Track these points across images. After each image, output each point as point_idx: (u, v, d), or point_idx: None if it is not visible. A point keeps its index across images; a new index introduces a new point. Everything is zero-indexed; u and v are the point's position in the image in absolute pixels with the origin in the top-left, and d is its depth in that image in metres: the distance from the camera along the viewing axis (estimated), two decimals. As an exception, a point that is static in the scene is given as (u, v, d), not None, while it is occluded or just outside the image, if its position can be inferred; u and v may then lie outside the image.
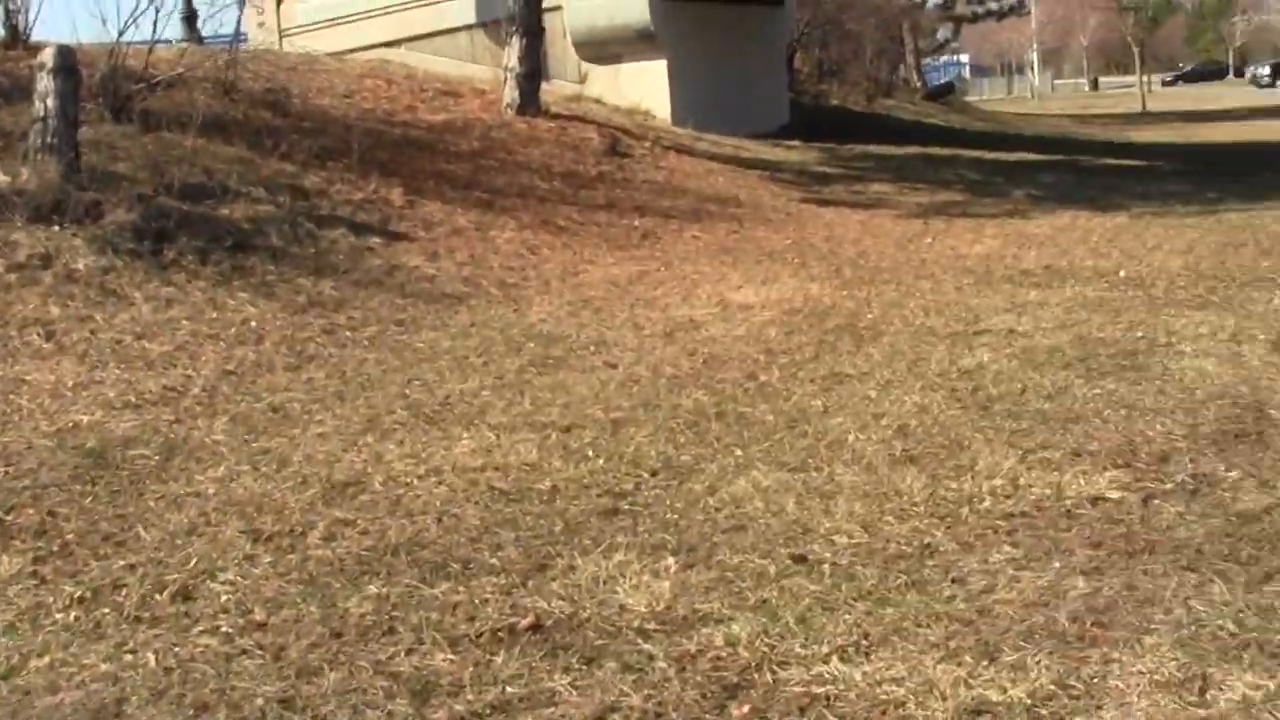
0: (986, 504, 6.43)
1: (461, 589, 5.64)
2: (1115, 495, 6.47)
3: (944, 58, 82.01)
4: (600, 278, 13.03)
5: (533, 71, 20.32)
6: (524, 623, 5.32)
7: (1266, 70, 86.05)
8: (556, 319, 11.35)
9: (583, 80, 24.46)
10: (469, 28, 24.63)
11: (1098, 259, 13.55)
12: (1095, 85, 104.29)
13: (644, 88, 23.66)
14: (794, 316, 11.24)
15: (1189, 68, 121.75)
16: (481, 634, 5.22)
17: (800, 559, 5.86)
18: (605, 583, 5.65)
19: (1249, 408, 7.86)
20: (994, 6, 60.66)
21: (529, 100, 20.06)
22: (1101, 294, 11.67)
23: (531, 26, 20.27)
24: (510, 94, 19.99)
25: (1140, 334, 9.96)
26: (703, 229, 15.48)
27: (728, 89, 25.45)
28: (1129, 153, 30.94)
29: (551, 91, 22.49)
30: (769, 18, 28.72)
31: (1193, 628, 4.98)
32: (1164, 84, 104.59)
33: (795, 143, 24.56)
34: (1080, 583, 5.44)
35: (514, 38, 20.06)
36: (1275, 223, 15.56)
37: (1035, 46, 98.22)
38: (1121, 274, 12.56)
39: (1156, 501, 6.37)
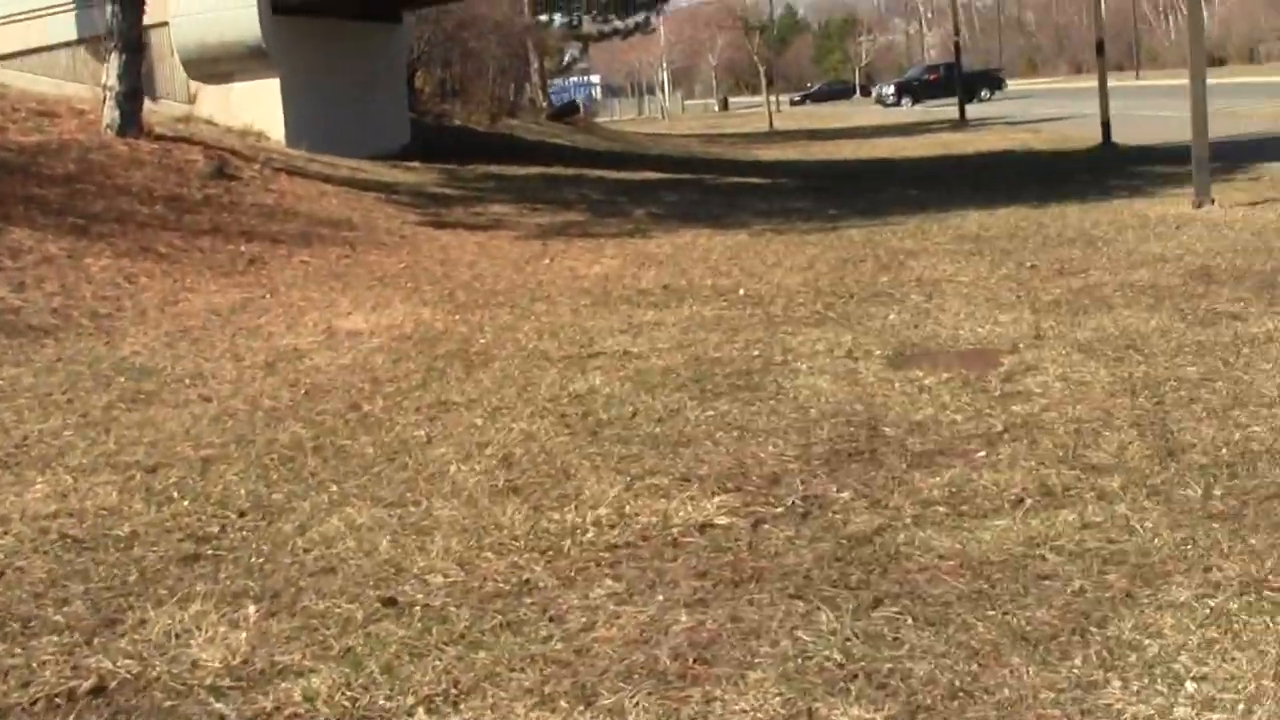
0: (590, 535, 6.12)
1: (19, 651, 5.10)
2: (724, 521, 6.23)
3: (575, 78, 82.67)
4: (201, 306, 12.39)
5: (134, 90, 19.32)
6: (85, 686, 4.83)
7: (891, 89, 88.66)
8: (151, 351, 10.72)
9: (193, 100, 23.57)
10: (69, 45, 23.49)
11: (717, 277, 13.45)
12: (725, 105, 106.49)
13: (257, 107, 22.89)
14: (403, 343, 10.83)
15: (817, 86, 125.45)
16: (36, 701, 4.72)
17: (390, 602, 5.47)
18: (179, 636, 5.19)
19: (862, 425, 7.74)
20: (619, 26, 61.19)
21: (130, 121, 19.09)
22: (719, 313, 11.54)
23: (131, 43, 19.27)
24: (110, 114, 19.00)
25: (756, 353, 9.83)
26: (313, 254, 14.91)
27: (346, 109, 24.86)
28: (753, 171, 31.31)
29: (159, 112, 21.61)
30: (388, 36, 28.26)
31: (799, 660, 4.74)
32: (793, 103, 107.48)
33: (415, 164, 24.09)
34: (684, 616, 5.16)
35: (113, 55, 19.05)
36: (895, 238, 15.72)
37: (665, 66, 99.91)
38: (741, 292, 12.47)
39: (766, 526, 6.15)
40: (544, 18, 56.55)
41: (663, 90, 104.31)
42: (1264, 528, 5.69)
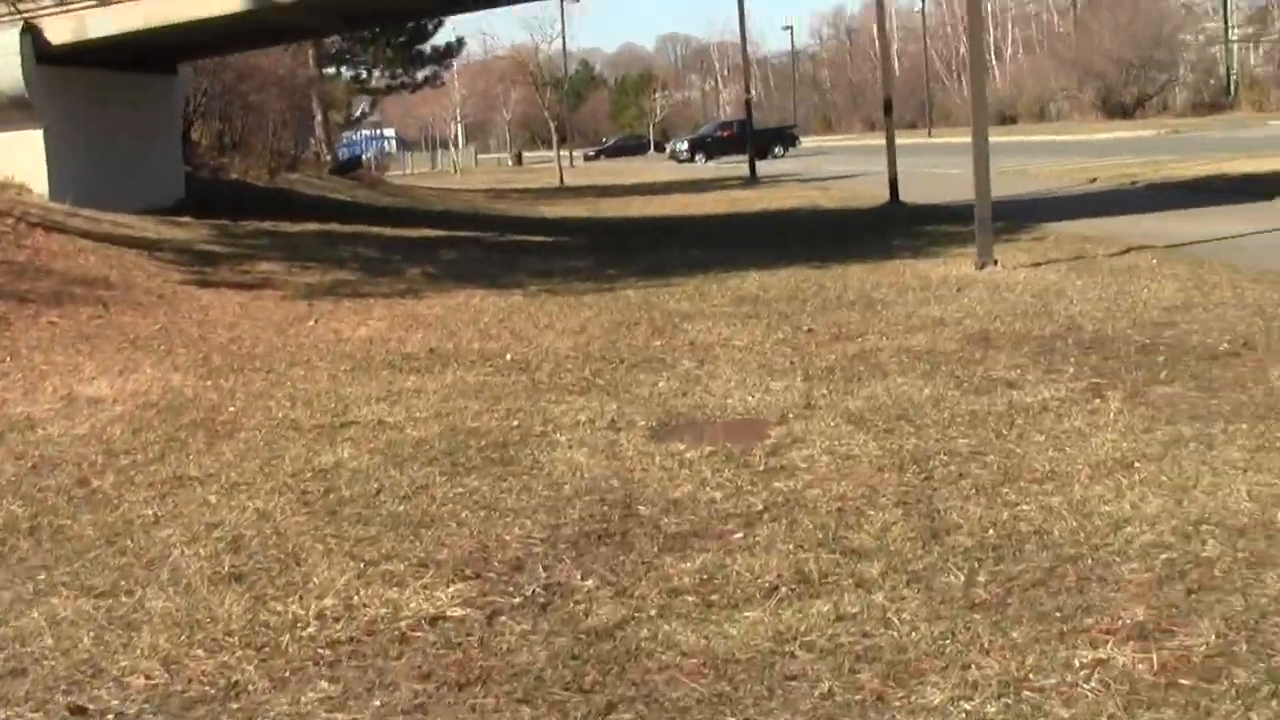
0: (311, 630, 5.65)
1: None
2: (458, 613, 5.81)
3: (366, 131, 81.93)
4: (-68, 374, 11.64)
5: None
6: None
7: (685, 145, 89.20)
8: None
9: (-47, 154, 22.63)
10: None
11: (486, 341, 13.00)
12: (519, 159, 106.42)
13: (18, 160, 21.85)
14: (147, 411, 10.21)
15: (612, 141, 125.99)
16: None
17: (79, 711, 4.98)
18: None
19: (617, 504, 7.36)
20: (407, 80, 60.63)
21: None
22: (484, 379, 11.11)
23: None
24: None
25: (516, 423, 9.41)
26: (62, 314, 14.08)
27: (116, 161, 24.01)
28: (537, 228, 30.94)
29: (-86, 169, 20.71)
30: (163, 87, 27.47)
31: (516, 778, 4.33)
32: (587, 158, 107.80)
33: (187, 219, 23.23)
34: (399, 725, 4.73)
35: None
36: (672, 300, 15.40)
37: (458, 120, 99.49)
38: (508, 357, 12.04)
39: (503, 619, 5.73)
40: (330, 70, 55.91)
41: (456, 144, 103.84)
42: (1027, 619, 5.40)
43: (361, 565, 6.44)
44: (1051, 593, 5.69)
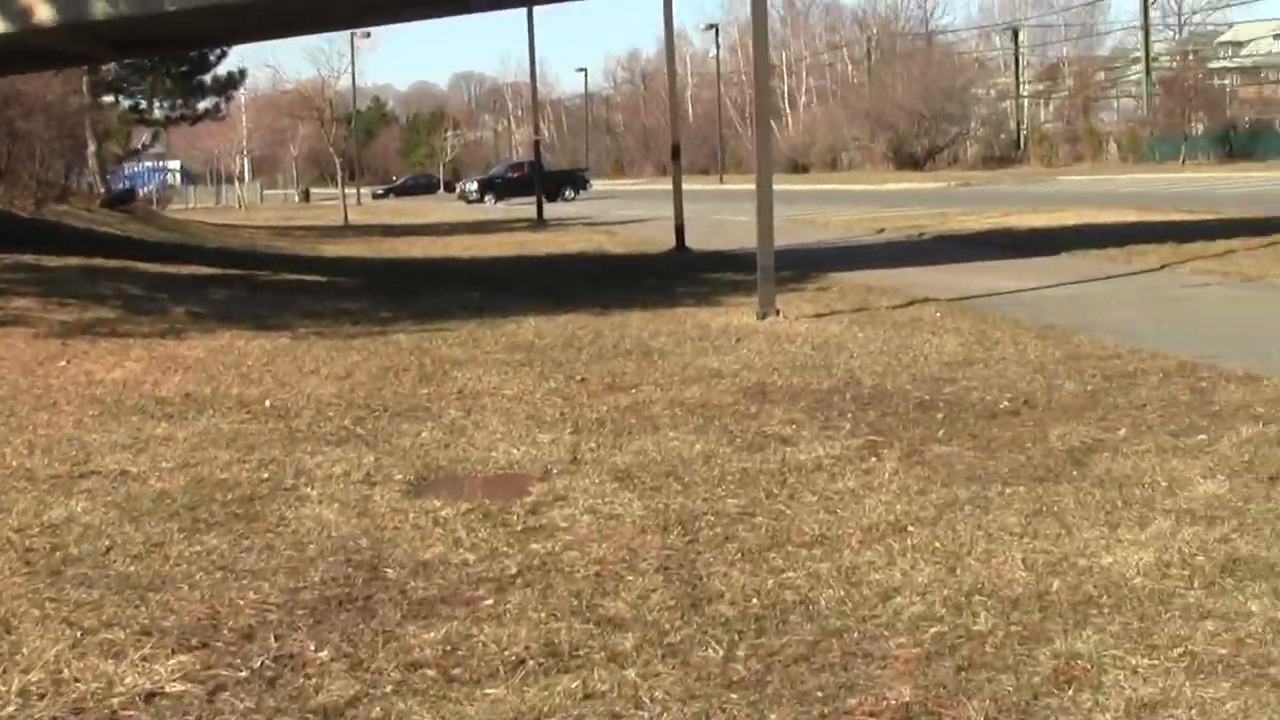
0: (11, 709, 5.17)
1: None
2: (177, 688, 5.35)
3: (149, 162, 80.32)
4: None
5: None
6: None
7: (475, 185, 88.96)
8: None
9: None
10: None
11: (246, 385, 12.45)
12: (307, 195, 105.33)
13: None
14: None
15: (402, 180, 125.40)
16: None
17: None
18: None
19: (363, 566, 6.94)
20: (187, 111, 59.37)
21: None
22: (238, 426, 10.60)
23: None
24: None
25: (267, 475, 8.94)
26: None
27: None
28: (314, 268, 30.19)
29: None
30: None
31: None
32: (375, 196, 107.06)
33: (-63, 251, 22.35)
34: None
35: None
36: (445, 345, 14.97)
37: (245, 154, 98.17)
38: (267, 403, 11.53)
39: (225, 695, 5.30)
40: (108, 99, 54.58)
41: (242, 179, 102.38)
42: (787, 699, 5.10)
43: (78, 634, 5.93)
44: (814, 669, 5.39)
